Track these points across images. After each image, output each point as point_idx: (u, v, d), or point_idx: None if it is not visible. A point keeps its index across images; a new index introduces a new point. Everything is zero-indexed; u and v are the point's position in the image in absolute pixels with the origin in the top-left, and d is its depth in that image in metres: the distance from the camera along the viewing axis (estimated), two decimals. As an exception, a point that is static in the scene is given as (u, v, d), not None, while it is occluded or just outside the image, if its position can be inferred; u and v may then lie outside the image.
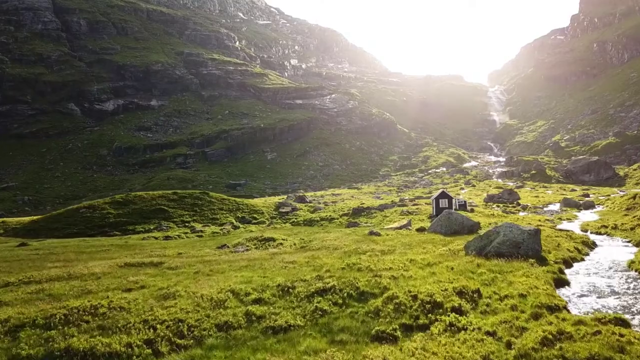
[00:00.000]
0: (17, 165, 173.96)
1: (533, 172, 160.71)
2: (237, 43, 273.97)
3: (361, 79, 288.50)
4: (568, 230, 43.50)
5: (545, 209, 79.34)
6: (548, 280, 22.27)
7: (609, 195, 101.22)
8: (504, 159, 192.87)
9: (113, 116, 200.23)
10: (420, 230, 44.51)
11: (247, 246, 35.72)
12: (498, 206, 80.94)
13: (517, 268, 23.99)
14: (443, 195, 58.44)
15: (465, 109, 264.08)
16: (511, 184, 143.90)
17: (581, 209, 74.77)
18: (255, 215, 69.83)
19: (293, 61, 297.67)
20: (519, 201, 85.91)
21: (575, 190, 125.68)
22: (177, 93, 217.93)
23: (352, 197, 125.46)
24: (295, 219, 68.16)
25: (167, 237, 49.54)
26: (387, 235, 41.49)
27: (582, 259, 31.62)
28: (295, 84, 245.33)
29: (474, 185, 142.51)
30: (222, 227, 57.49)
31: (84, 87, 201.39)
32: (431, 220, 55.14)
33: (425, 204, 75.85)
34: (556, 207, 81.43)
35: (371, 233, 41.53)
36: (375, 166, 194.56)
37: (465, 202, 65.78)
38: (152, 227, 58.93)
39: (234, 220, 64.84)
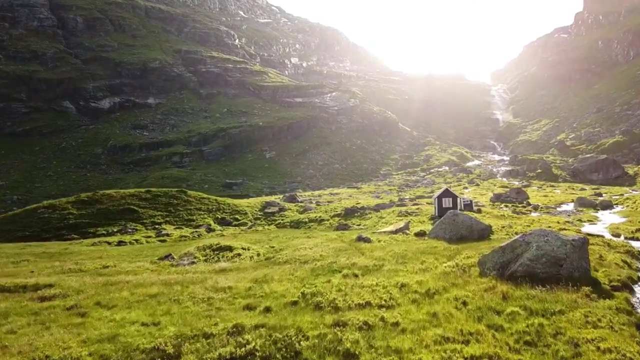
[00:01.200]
0: (9, 164, 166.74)
1: (539, 171, 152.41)
2: (237, 41, 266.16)
3: (363, 77, 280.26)
4: (600, 236, 35.21)
5: (558, 209, 70.93)
6: (632, 333, 13.61)
7: (622, 195, 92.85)
8: (508, 158, 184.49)
9: (109, 114, 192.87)
10: (420, 235, 36.63)
11: (195, 257, 28.03)
12: (506, 206, 72.63)
13: (569, 303, 15.82)
14: (446, 193, 50.32)
15: (467, 107, 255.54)
16: (517, 183, 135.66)
17: (598, 209, 66.53)
18: (237, 216, 62.12)
19: (294, 59, 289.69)
20: (529, 201, 77.38)
21: (585, 189, 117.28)
22: (175, 91, 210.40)
23: (350, 196, 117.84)
24: (282, 220, 60.49)
25: (121, 243, 42.00)
26: (379, 241, 33.83)
27: (640, 278, 22.79)
28: (295, 82, 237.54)
29: (477, 185, 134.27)
30: (195, 230, 49.76)
31: (79, 85, 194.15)
32: (433, 222, 47.18)
33: (427, 203, 67.87)
34: (570, 207, 73.03)
35: (359, 239, 33.75)
36: (376, 165, 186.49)
37: (471, 201, 57.66)
38: (115, 230, 51.39)
39: (211, 222, 57.15)
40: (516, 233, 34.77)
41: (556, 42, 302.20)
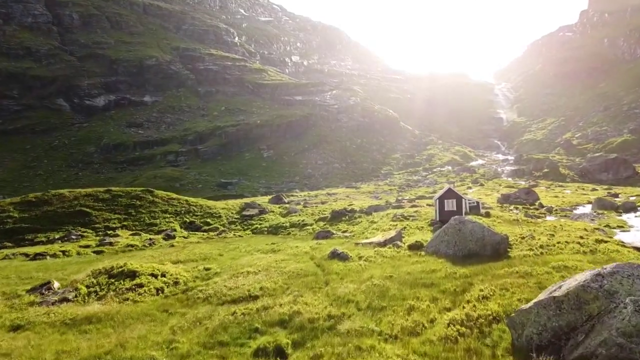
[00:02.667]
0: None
1: (545, 170, 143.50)
2: (237, 39, 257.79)
3: (364, 76, 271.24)
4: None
5: (575, 211, 61.96)
6: None
7: (638, 195, 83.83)
8: (513, 157, 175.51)
9: (104, 112, 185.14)
10: (415, 247, 27.96)
11: (77, 290, 19.40)
12: (517, 208, 63.81)
13: None
14: (449, 194, 41.54)
15: (471, 106, 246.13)
16: (523, 183, 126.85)
17: (621, 212, 57.91)
18: (209, 220, 53.82)
19: (294, 58, 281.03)
20: (541, 202, 68.29)
21: (597, 189, 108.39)
22: (172, 89, 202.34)
23: (348, 196, 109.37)
24: (259, 225, 52.22)
25: (38, 256, 33.49)
26: (359, 258, 25.43)
27: None
28: (295, 81, 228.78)
29: (482, 185, 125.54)
30: (151, 238, 41.47)
31: (74, 82, 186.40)
32: (433, 228, 38.60)
33: (427, 205, 59.29)
34: (587, 209, 64.08)
35: (334, 255, 25.32)
36: (377, 165, 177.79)
37: (478, 202, 48.96)
38: (57, 237, 43.16)
39: (178, 227, 48.91)
40: (541, 247, 26.03)
41: (561, 41, 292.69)
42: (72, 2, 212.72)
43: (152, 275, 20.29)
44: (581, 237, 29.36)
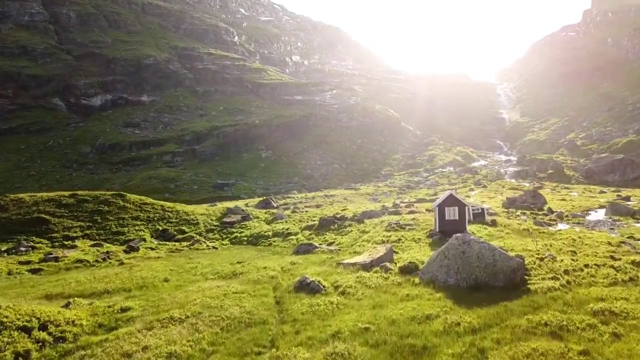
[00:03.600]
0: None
1: (550, 171, 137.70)
2: (236, 38, 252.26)
3: (365, 76, 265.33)
4: None
5: (588, 217, 56.28)
6: None
7: (651, 199, 78.10)
8: (516, 158, 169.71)
9: (100, 112, 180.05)
10: (408, 271, 22.15)
11: None
12: (524, 213, 58.06)
13: None
14: (450, 200, 35.86)
15: (473, 106, 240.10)
16: (527, 184, 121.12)
17: (638, 219, 51.87)
18: (184, 228, 48.41)
19: (295, 58, 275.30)
20: (549, 207, 62.46)
21: (605, 192, 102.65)
22: (170, 88, 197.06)
23: (345, 199, 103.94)
24: (240, 233, 46.94)
25: None
26: (335, 288, 19.40)
27: None
28: (294, 80, 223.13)
29: (484, 186, 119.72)
30: (106, 254, 35.44)
31: (70, 82, 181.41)
32: (432, 240, 33.02)
33: (427, 210, 53.78)
34: (600, 214, 58.52)
35: (302, 285, 19.68)
36: (377, 165, 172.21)
37: (483, 209, 43.32)
38: (4, 248, 37.42)
39: (148, 235, 43.57)
40: (566, 273, 20.44)
41: (564, 40, 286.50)
42: (70, 1, 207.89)
43: (24, 329, 14.50)
44: (612, 257, 23.70)
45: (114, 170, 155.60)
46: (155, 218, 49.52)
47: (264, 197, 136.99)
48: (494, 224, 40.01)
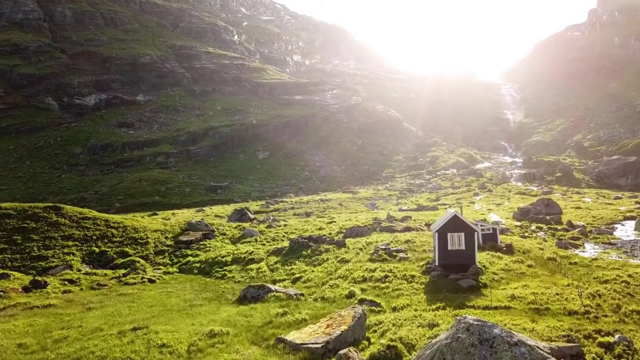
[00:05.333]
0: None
1: (558, 174, 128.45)
2: (236, 37, 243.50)
3: (367, 76, 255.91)
4: None
5: (616, 233, 46.74)
6: None
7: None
8: (521, 160, 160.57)
9: (94, 112, 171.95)
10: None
11: None
12: (540, 228, 48.94)
13: None
14: (455, 223, 27.03)
15: (476, 107, 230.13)
16: (535, 188, 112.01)
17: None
18: (127, 250, 39.88)
19: (296, 57, 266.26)
20: (569, 220, 53.05)
21: (620, 197, 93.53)
22: (167, 88, 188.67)
23: (341, 204, 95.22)
24: (194, 257, 38.50)
25: None
26: None
27: None
28: (294, 79, 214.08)
29: (490, 190, 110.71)
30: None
31: (64, 81, 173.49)
32: (429, 281, 23.89)
33: (426, 225, 44.36)
34: (628, 229, 50.70)
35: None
36: (378, 167, 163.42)
37: (495, 229, 34.24)
38: None
39: (77, 261, 35.23)
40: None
41: (569, 40, 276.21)
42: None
43: None
44: None
45: (105, 171, 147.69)
46: (95, 237, 40.78)
47: (267, 199, 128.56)
48: (509, 249, 31.14)
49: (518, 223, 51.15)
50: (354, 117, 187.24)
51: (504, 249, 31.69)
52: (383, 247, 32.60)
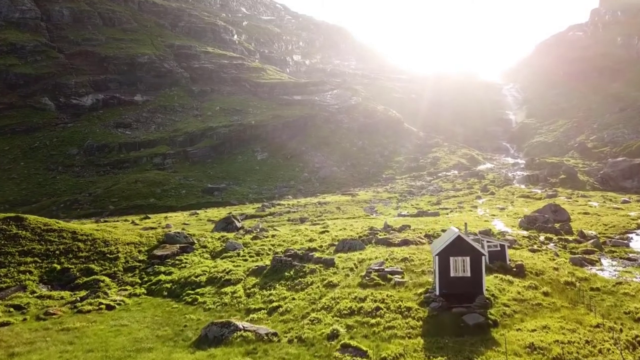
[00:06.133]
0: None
1: (562, 176, 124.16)
2: (236, 37, 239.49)
3: (368, 76, 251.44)
4: None
5: (633, 244, 42.72)
6: None
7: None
8: (524, 161, 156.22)
9: (91, 112, 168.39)
10: None
11: None
12: (549, 239, 44.87)
13: None
14: (458, 245, 22.96)
15: (478, 107, 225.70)
16: (539, 191, 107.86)
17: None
18: (93, 266, 36.09)
19: (296, 57, 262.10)
20: (580, 230, 48.82)
21: (628, 201, 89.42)
22: (165, 88, 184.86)
23: (339, 208, 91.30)
24: (166, 276, 34.77)
25: None
26: None
27: None
28: (294, 79, 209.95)
29: (492, 193, 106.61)
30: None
31: (60, 80, 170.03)
32: (427, 316, 19.95)
33: (426, 236, 40.30)
34: (644, 239, 44.71)
35: None
36: (379, 168, 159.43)
37: (503, 246, 30.02)
38: None
39: (33, 281, 30.81)
40: None
41: (571, 40, 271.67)
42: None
43: None
44: None
45: (101, 173, 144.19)
46: (58, 252, 36.82)
47: (264, 202, 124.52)
48: (520, 270, 27.12)
49: (525, 233, 47.05)
50: (354, 118, 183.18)
51: (514, 269, 27.69)
52: (376, 267, 28.65)
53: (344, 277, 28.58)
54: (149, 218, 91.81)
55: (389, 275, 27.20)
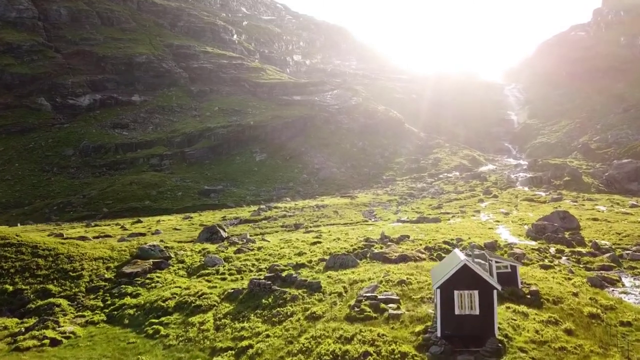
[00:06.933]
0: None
1: (566, 178, 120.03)
2: (235, 37, 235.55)
3: (369, 76, 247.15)
4: None
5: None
6: None
7: None
8: (526, 163, 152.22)
9: (88, 112, 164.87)
10: None
11: None
12: (561, 252, 41.04)
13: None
14: (464, 277, 18.90)
15: (479, 107, 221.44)
16: (543, 194, 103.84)
17: None
18: (50, 287, 32.41)
19: (296, 57, 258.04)
20: (594, 241, 44.81)
21: (636, 204, 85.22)
22: (164, 88, 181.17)
23: (336, 211, 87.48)
24: (131, 299, 30.79)
25: None
26: None
27: None
28: (294, 79, 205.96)
29: (495, 196, 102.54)
30: None
31: (57, 80, 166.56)
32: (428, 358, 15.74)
33: (426, 249, 36.27)
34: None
35: None
36: (379, 169, 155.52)
37: (515, 268, 25.96)
38: None
39: None
40: None
41: (573, 40, 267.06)
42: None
43: None
44: None
45: (97, 174, 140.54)
46: (13, 270, 32.88)
47: (261, 204, 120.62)
48: (535, 298, 23.16)
49: (534, 244, 43.06)
50: (355, 118, 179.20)
51: (528, 296, 23.74)
52: (368, 293, 24.73)
53: (329, 307, 24.57)
54: (141, 222, 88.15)
55: (382, 305, 23.20)
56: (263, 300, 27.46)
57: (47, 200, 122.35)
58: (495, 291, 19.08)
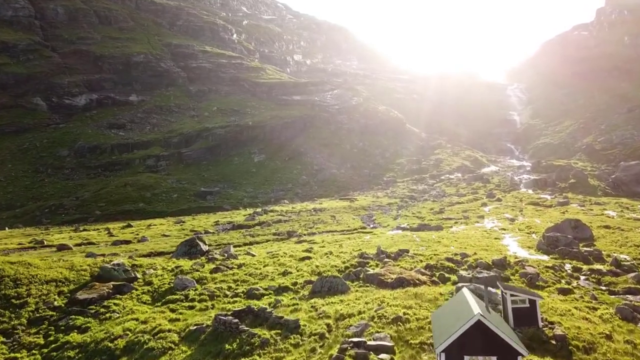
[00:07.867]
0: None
1: (572, 181, 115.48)
2: (235, 36, 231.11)
3: (369, 76, 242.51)
4: None
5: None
6: None
7: None
8: (529, 164, 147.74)
9: (84, 112, 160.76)
10: None
11: None
12: (578, 270, 36.76)
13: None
14: (478, 337, 14.19)
15: (481, 108, 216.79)
16: (548, 197, 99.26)
17: None
18: None
19: (297, 57, 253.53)
20: (615, 257, 40.37)
21: (648, 210, 79.68)
22: (162, 87, 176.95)
23: (333, 216, 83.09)
24: (81, 332, 25.94)
25: None
26: None
27: None
28: (293, 79, 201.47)
29: (499, 200, 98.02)
30: None
31: (53, 80, 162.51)
32: None
33: (428, 268, 31.89)
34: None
35: None
36: (379, 170, 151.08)
37: (535, 302, 21.23)
38: None
39: None
40: None
41: (576, 40, 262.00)
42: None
43: None
44: None
45: (92, 175, 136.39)
46: None
47: (258, 206, 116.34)
48: (562, 345, 18.57)
49: (547, 259, 38.61)
50: (355, 119, 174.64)
51: (553, 342, 19.16)
52: (356, 336, 20.26)
53: (306, 357, 20.03)
54: (131, 227, 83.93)
55: (371, 356, 18.67)
56: (227, 345, 22.81)
57: (39, 202, 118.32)
58: (519, 357, 14.37)
